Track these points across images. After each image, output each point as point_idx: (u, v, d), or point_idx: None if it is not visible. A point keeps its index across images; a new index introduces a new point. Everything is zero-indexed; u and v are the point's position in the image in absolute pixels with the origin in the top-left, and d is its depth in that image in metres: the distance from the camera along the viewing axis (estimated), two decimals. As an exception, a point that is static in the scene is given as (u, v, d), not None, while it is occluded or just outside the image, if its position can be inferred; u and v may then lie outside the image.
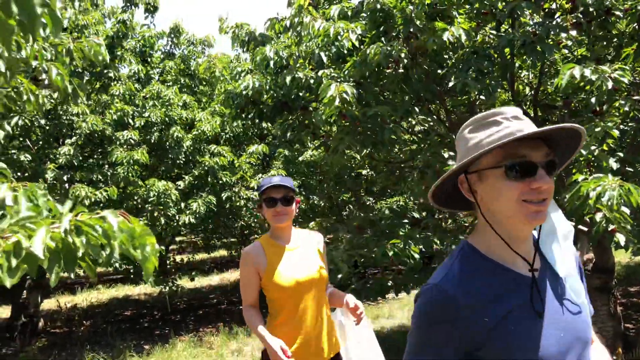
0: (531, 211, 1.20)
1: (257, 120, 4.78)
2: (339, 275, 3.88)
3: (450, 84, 3.42)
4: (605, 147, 3.32)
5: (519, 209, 1.21)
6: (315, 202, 8.60)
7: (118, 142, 7.18)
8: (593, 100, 3.35)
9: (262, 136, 8.76)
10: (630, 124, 3.74)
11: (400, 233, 3.78)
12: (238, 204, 8.00)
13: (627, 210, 2.82)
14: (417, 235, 4.00)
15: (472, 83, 3.36)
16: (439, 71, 4.04)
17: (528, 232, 1.27)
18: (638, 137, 4.00)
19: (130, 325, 8.75)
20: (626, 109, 3.23)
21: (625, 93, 3.43)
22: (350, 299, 2.54)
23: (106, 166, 7.26)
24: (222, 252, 16.75)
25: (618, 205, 2.63)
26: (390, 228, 4.05)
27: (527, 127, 1.24)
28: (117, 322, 8.97)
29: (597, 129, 3.01)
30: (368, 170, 7.10)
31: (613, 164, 3.09)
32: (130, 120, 7.53)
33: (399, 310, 8.25)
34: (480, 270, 1.28)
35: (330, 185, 7.77)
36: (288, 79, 3.86)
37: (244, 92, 4.20)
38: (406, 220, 4.23)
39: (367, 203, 8.14)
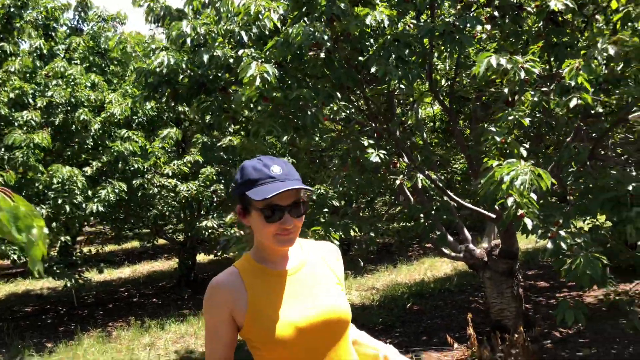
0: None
1: (172, 102, 4.52)
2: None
3: (373, 70, 3.42)
4: (513, 136, 3.47)
5: None
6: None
7: (17, 124, 6.58)
8: (506, 90, 3.48)
9: (178, 121, 8.41)
10: (538, 116, 3.94)
11: (322, 220, 3.76)
12: (151, 192, 7.64)
13: (534, 196, 2.96)
14: (338, 223, 3.99)
15: (394, 70, 3.38)
16: (360, 58, 4.03)
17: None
18: (543, 128, 4.24)
19: (32, 322, 8.12)
20: (535, 99, 3.39)
21: (534, 85, 3.60)
22: (391, 352, 1.67)
23: (2, 149, 6.63)
24: (134, 244, 16.01)
25: (528, 190, 2.75)
26: (311, 216, 4.01)
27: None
28: (16, 319, 8.29)
29: (510, 117, 3.13)
30: (289, 158, 7.03)
31: (523, 151, 3.24)
32: (31, 100, 6.92)
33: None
34: None
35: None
36: (206, 57, 3.67)
37: (158, 70, 3.95)
38: (326, 209, 4.22)
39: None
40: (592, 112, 4.33)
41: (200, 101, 4.48)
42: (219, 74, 4.06)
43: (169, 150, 7.89)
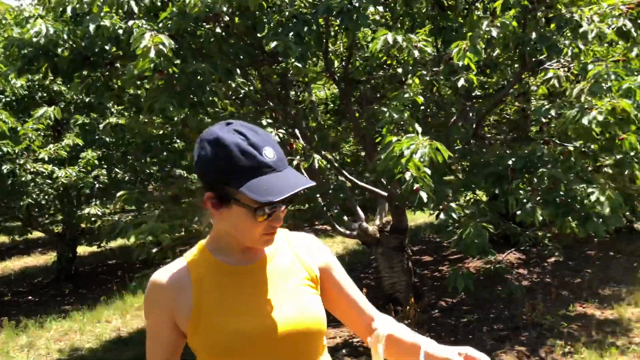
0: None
1: (50, 77, 4.10)
2: (154, 250, 3.61)
3: (272, 45, 3.37)
4: (408, 114, 3.63)
5: None
6: (119, 176, 7.91)
7: None
8: (400, 70, 3.62)
9: (51, 101, 7.68)
10: (428, 95, 4.16)
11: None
12: (23, 179, 6.93)
13: (428, 171, 3.12)
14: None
15: (294, 46, 3.36)
16: (258, 34, 3.96)
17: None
18: (432, 108, 4.48)
19: None
20: (427, 79, 3.57)
21: (425, 65, 3.78)
22: (434, 347, 1.29)
23: None
24: (3, 238, 14.52)
25: (426, 164, 2.89)
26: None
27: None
28: None
29: (405, 95, 3.26)
30: (179, 141, 6.75)
31: (418, 128, 3.39)
32: None
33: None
34: None
35: (138, 155, 7.22)
36: (92, 27, 3.35)
37: (35, 40, 3.54)
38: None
39: (178, 174, 7.77)
40: (473, 94, 4.67)
41: (83, 77, 4.12)
42: (106, 47, 3.75)
43: (44, 132, 7.20)
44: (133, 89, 4.22)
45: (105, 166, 7.76)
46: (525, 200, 3.63)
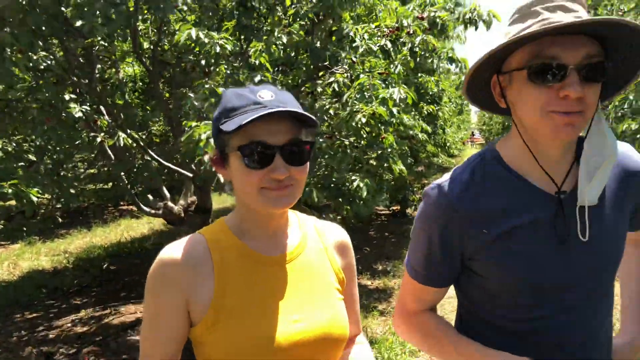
0: (557, 124, 1.03)
1: None
2: None
3: (78, 24, 3.42)
4: (213, 101, 3.98)
5: (543, 121, 1.05)
6: None
7: None
8: (203, 62, 3.95)
9: None
10: (230, 87, 4.57)
11: (20, 173, 3.59)
12: None
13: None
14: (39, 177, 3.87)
15: (100, 27, 3.46)
16: (63, 9, 3.92)
17: (556, 148, 1.13)
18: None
19: None
20: (228, 72, 3.96)
21: (228, 59, 4.17)
22: None
23: None
24: None
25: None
26: (6, 171, 3.77)
27: (570, 19, 1.00)
28: None
29: (206, 86, 3.61)
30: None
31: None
32: None
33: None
34: (494, 179, 1.17)
35: None
36: None
37: None
38: (22, 163, 4.00)
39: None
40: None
41: None
42: None
43: None
44: None
45: None
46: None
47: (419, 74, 6.95)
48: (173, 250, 1.10)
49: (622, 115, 6.36)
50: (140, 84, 7.57)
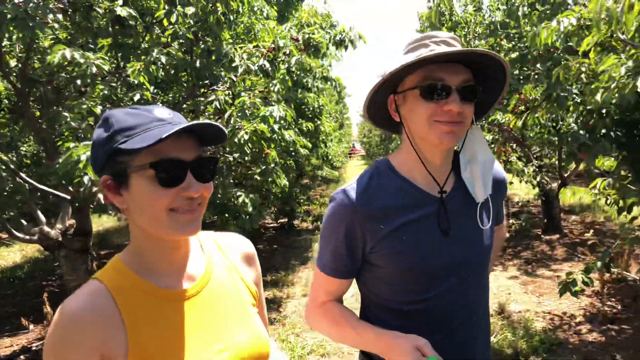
0: (441, 131, 1.27)
1: None
2: None
3: None
4: (90, 121, 3.92)
5: (430, 129, 1.28)
6: None
7: None
8: (79, 81, 3.88)
9: None
10: (108, 106, 4.49)
11: None
12: None
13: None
14: None
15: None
16: None
17: (439, 156, 1.37)
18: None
19: None
20: (105, 92, 3.92)
21: (104, 78, 4.13)
22: None
23: None
24: None
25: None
26: None
27: (454, 50, 1.25)
28: None
29: (83, 106, 3.56)
30: None
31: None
32: None
33: None
34: (388, 184, 1.38)
35: None
36: None
37: None
38: None
39: None
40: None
41: None
42: None
43: None
44: None
45: None
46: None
47: (299, 90, 7.27)
48: (75, 307, 0.97)
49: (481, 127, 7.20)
50: (7, 102, 7.06)
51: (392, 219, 1.34)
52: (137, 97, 3.94)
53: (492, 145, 7.00)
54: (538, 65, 4.72)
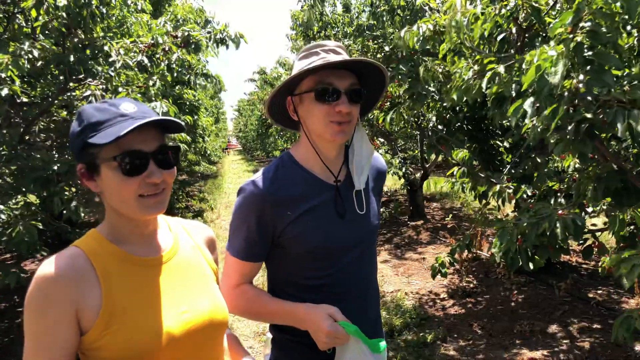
0: (335, 130, 1.47)
1: None
2: None
3: None
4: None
5: (325, 128, 1.48)
6: None
7: None
8: None
9: None
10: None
11: None
12: None
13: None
14: None
15: None
16: None
17: (332, 150, 1.57)
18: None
19: None
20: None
21: None
22: None
23: None
24: None
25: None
26: None
27: (340, 59, 1.46)
28: None
29: None
30: None
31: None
32: None
33: None
34: (291, 174, 1.54)
35: None
36: None
37: None
38: None
39: None
40: (19, 101, 4.87)
41: None
42: None
43: None
44: None
45: None
46: (70, 200, 4.19)
47: (177, 86, 7.19)
48: (53, 267, 1.10)
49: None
50: None
51: (297, 206, 1.50)
52: (4, 91, 3.72)
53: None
54: (401, 66, 5.23)
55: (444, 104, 4.77)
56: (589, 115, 1.87)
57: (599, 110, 1.84)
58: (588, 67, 1.88)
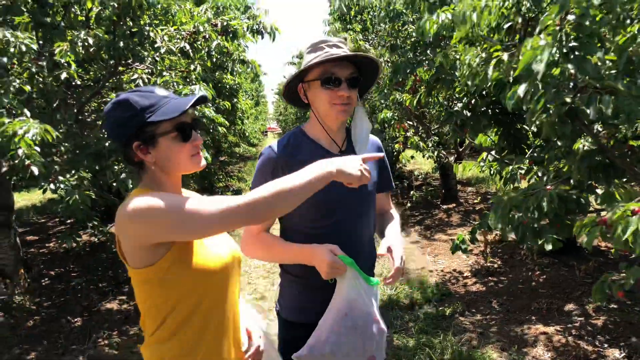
0: (338, 110, 1.80)
1: None
2: None
3: None
4: (18, 100, 4.07)
5: (330, 109, 1.81)
6: None
7: None
8: (5, 59, 4.03)
9: None
10: (35, 83, 4.61)
11: None
12: None
13: (38, 149, 3.69)
14: None
15: None
16: None
17: (336, 125, 1.88)
18: (36, 97, 4.95)
19: None
20: (33, 70, 4.11)
21: (32, 58, 4.28)
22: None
23: None
24: None
25: (35, 143, 3.50)
26: None
27: (342, 53, 1.78)
28: None
29: (14, 83, 3.75)
30: None
31: (27, 112, 3.90)
32: None
33: None
34: (301, 143, 1.89)
35: None
36: None
37: None
38: None
39: None
40: (74, 83, 5.34)
41: None
42: None
43: None
44: None
45: None
46: (120, 174, 4.65)
47: (217, 72, 7.56)
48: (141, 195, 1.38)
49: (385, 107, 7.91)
50: None
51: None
52: (63, 75, 4.16)
53: (393, 122, 7.77)
54: (428, 52, 5.42)
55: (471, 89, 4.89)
56: (568, 99, 2.10)
57: (577, 95, 2.07)
58: (572, 56, 2.11)
